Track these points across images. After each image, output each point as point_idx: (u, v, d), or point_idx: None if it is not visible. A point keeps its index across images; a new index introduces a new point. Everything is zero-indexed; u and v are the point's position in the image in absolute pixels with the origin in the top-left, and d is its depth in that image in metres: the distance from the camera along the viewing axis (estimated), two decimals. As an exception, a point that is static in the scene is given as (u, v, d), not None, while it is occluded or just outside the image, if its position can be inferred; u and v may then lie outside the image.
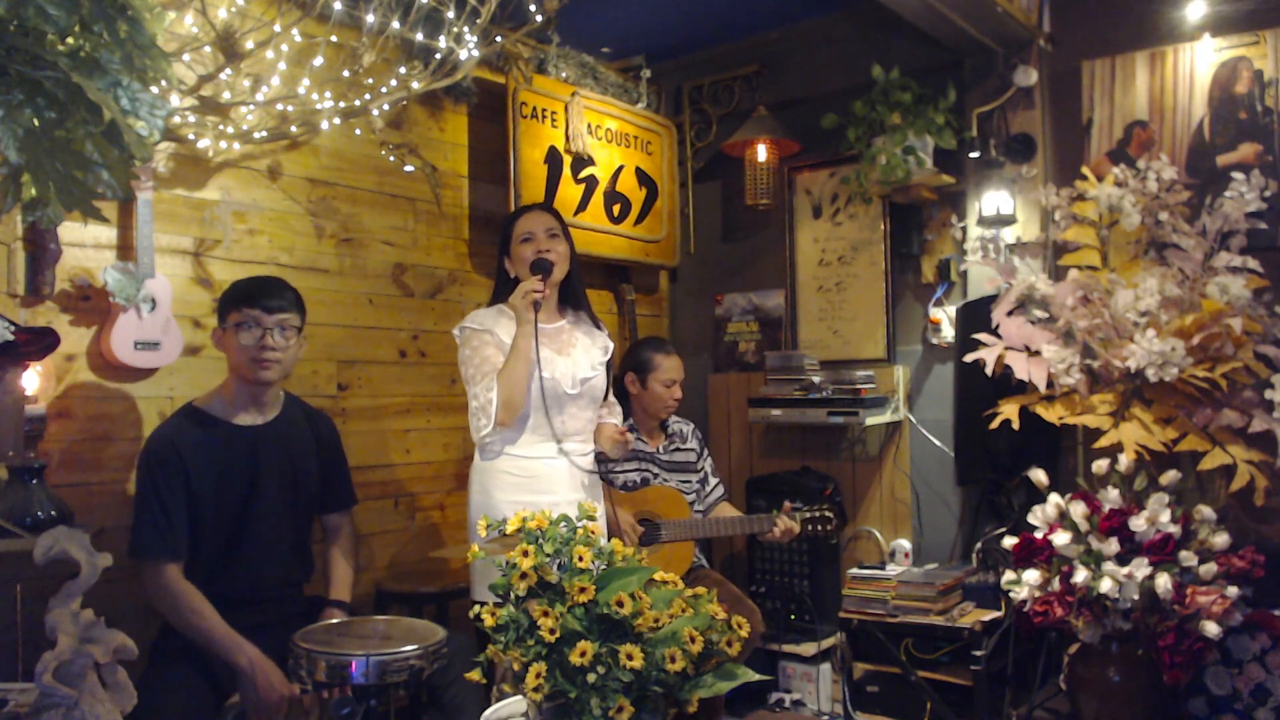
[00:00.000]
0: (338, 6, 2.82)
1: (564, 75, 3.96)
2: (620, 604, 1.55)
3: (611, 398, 2.87)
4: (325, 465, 2.65)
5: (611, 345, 2.83)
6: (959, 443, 3.43)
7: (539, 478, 2.60)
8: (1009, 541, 2.94)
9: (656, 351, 3.40)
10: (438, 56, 3.10)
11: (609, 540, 1.76)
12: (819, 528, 3.21)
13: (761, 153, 4.17)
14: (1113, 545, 2.70)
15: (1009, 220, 3.63)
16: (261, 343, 2.40)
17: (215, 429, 2.42)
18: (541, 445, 2.63)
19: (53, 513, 2.29)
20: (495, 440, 2.61)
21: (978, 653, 3.24)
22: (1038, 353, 3.13)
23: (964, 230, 3.76)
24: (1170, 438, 2.92)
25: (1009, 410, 3.13)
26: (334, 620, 2.42)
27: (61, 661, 1.47)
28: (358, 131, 3.31)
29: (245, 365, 2.41)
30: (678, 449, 3.49)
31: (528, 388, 2.55)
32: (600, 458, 2.79)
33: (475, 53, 3.09)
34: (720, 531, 3.31)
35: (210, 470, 2.38)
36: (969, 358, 3.23)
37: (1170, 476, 2.81)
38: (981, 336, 3.23)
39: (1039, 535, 2.86)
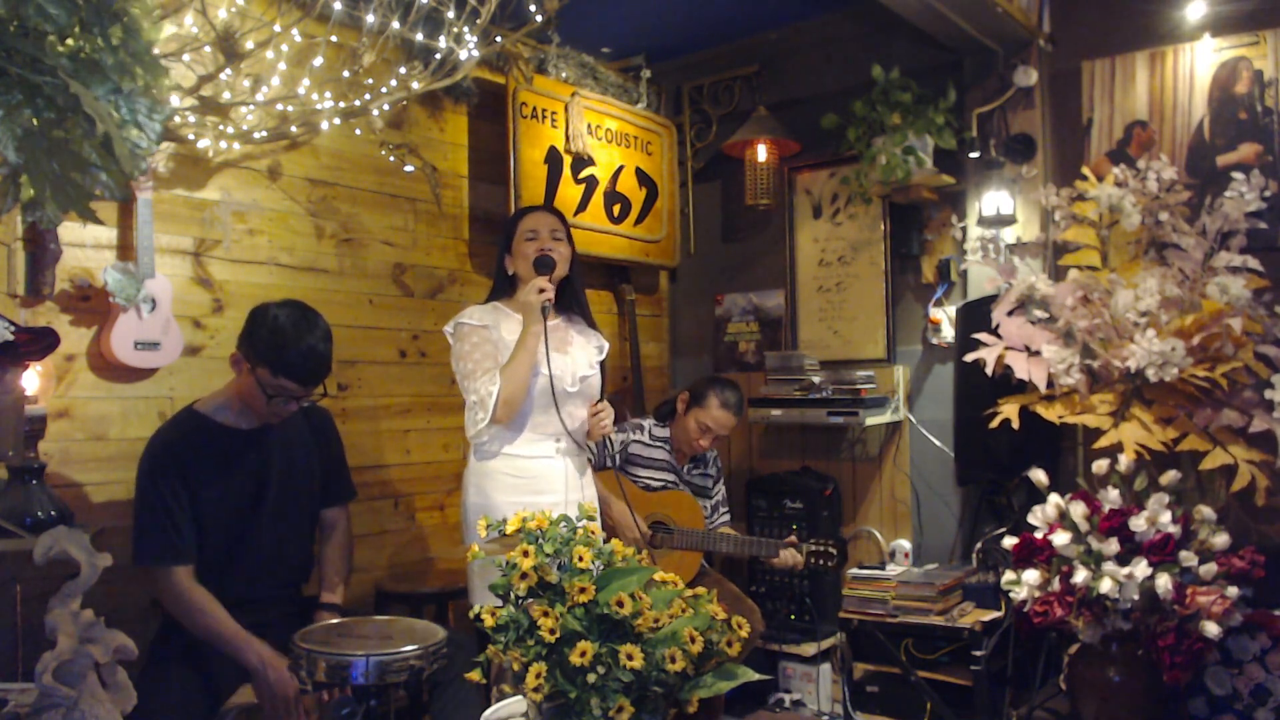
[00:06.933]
0: (338, 6, 2.82)
1: (564, 75, 3.96)
2: (620, 604, 1.55)
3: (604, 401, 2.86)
4: (324, 460, 2.64)
5: (607, 345, 2.82)
6: (959, 443, 3.43)
7: (537, 478, 2.59)
8: (1009, 541, 2.94)
9: (716, 396, 3.33)
10: (438, 57, 3.10)
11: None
12: (822, 562, 3.19)
13: (761, 153, 4.17)
14: (1113, 545, 2.70)
15: (1009, 220, 3.63)
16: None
17: (217, 434, 2.41)
18: (539, 444, 2.61)
19: (53, 513, 2.29)
20: (492, 440, 2.60)
21: (978, 653, 3.24)
22: (1038, 353, 3.13)
23: (964, 230, 3.76)
24: (1170, 438, 2.92)
25: (1009, 410, 3.13)
26: (333, 621, 2.42)
27: (61, 661, 1.47)
28: (358, 131, 3.31)
29: (260, 409, 2.41)
30: (698, 472, 3.51)
31: (530, 386, 2.54)
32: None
33: (475, 53, 3.09)
34: (727, 548, 3.28)
35: (213, 476, 2.37)
36: (969, 358, 3.23)
37: (1170, 476, 2.80)
38: (981, 336, 3.23)
39: (1039, 535, 2.86)
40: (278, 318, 2.35)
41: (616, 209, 4.14)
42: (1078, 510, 2.80)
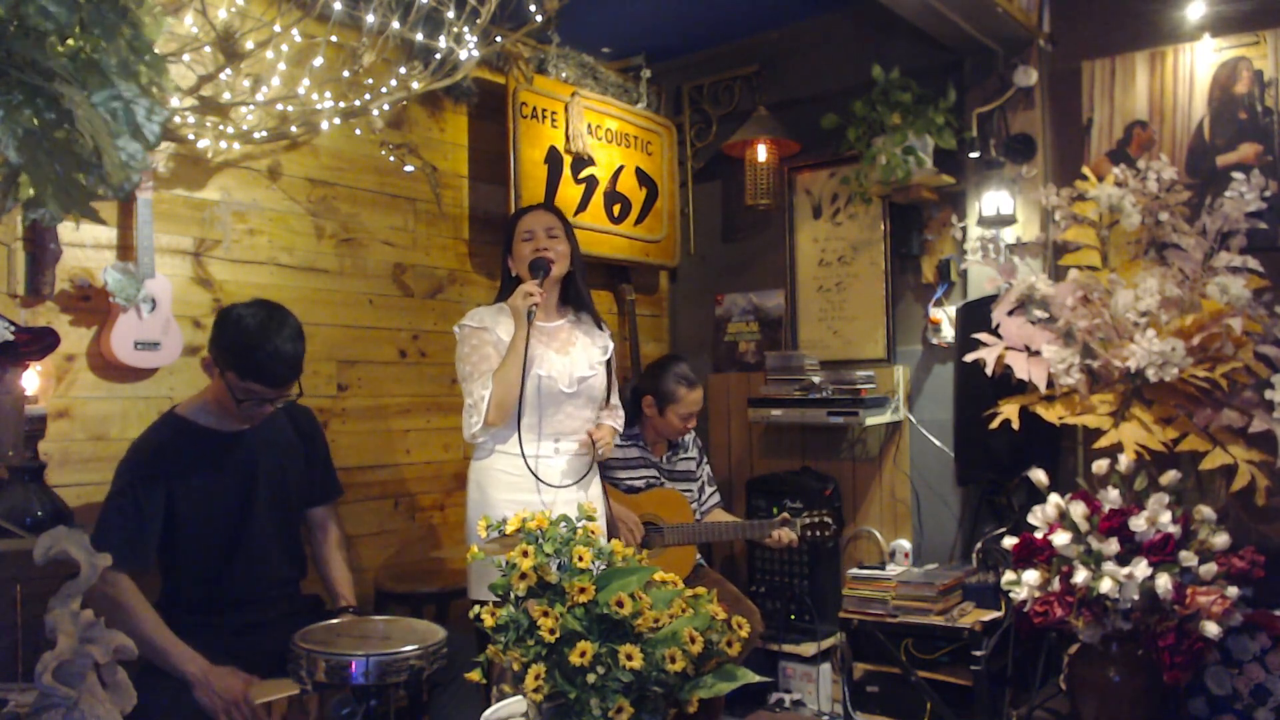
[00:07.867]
0: (338, 6, 2.82)
1: (564, 75, 3.96)
2: (620, 604, 1.55)
3: (615, 400, 2.85)
4: (309, 459, 2.63)
5: (612, 345, 2.82)
6: (959, 443, 3.42)
7: (531, 476, 2.58)
8: (1009, 541, 2.94)
9: (681, 383, 3.35)
10: (438, 56, 3.10)
11: (609, 539, 1.76)
12: (817, 533, 3.21)
13: (761, 153, 4.17)
14: (1113, 545, 2.70)
15: (1009, 220, 3.63)
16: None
17: (199, 437, 2.40)
18: (534, 444, 2.62)
19: (53, 513, 2.29)
20: (487, 439, 2.62)
21: (978, 653, 3.24)
22: (1038, 353, 3.13)
23: (964, 230, 3.76)
24: (1170, 438, 2.92)
25: (1009, 410, 3.13)
26: (334, 620, 2.42)
27: (61, 661, 1.47)
28: (358, 131, 3.31)
29: (233, 411, 2.39)
30: (680, 458, 3.50)
31: (522, 389, 2.54)
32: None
33: (475, 53, 3.09)
34: (720, 536, 3.32)
35: (196, 479, 2.36)
36: (969, 358, 3.23)
37: (1170, 476, 2.81)
38: (981, 336, 3.23)
39: (1039, 535, 2.86)
40: (242, 319, 2.31)
41: (616, 209, 4.14)
42: (1078, 510, 2.80)
